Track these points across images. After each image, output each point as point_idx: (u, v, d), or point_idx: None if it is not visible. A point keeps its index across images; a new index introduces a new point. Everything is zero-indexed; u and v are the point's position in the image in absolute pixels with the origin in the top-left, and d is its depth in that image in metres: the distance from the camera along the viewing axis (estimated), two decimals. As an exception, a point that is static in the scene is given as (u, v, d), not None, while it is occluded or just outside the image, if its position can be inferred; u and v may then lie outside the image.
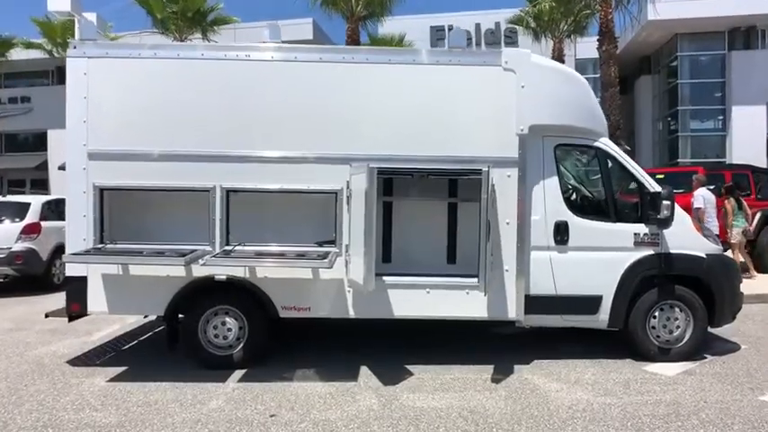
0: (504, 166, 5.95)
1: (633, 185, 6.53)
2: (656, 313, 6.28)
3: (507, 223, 5.99)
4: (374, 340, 6.95)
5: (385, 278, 5.98)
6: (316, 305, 6.00)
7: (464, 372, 5.93)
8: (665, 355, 6.26)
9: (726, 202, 11.32)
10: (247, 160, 5.94)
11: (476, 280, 5.93)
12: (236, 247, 5.92)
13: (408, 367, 6.03)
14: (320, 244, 6.05)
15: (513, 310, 6.03)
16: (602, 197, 6.43)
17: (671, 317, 6.28)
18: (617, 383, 5.61)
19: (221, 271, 5.83)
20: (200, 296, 6.05)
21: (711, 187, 11.26)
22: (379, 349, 6.65)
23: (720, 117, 27.54)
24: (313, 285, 5.97)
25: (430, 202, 6.49)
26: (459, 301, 6.01)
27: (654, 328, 6.28)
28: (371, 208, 5.40)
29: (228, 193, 5.98)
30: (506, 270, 6.00)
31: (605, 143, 6.37)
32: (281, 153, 5.95)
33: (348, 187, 5.92)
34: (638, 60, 32.08)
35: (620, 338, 6.48)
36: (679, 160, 27.05)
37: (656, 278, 6.27)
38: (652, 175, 6.87)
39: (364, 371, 5.94)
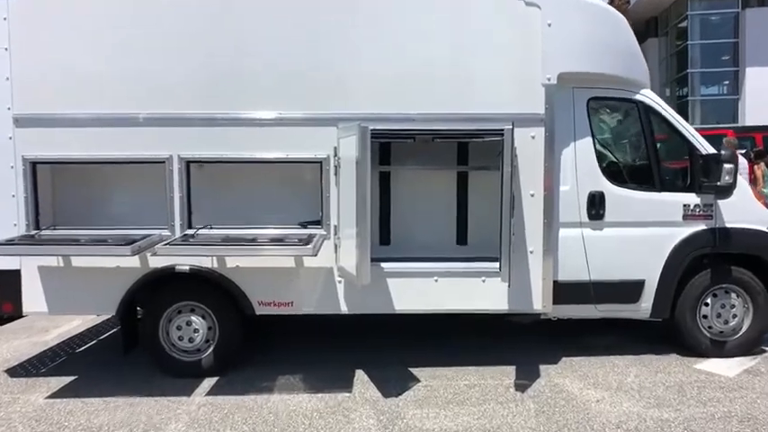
0: (528, 124, 4.83)
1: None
2: (709, 300, 5.25)
3: (532, 195, 4.89)
4: (370, 337, 5.91)
5: (383, 265, 4.91)
6: (299, 299, 4.94)
7: (481, 376, 4.91)
8: (718, 349, 5.25)
9: (756, 167, 10.24)
10: (212, 123, 4.81)
11: (495, 265, 4.87)
12: (201, 232, 4.84)
13: (413, 371, 5.01)
14: (304, 225, 4.97)
15: (540, 299, 4.98)
16: (644, 161, 5.31)
17: (726, 304, 5.25)
18: (669, 389, 4.60)
19: (182, 261, 4.75)
20: (159, 291, 4.99)
21: (743, 151, 10.18)
22: (377, 349, 5.61)
23: (731, 80, 26.26)
24: (296, 276, 4.90)
25: (436, 172, 5.40)
26: (473, 291, 4.95)
27: (705, 317, 5.25)
28: (365, 179, 4.30)
29: (189, 164, 4.87)
30: (531, 252, 4.93)
31: (648, 95, 5.24)
32: (252, 114, 4.81)
33: (336, 154, 4.81)
34: (644, 22, 30.58)
35: (659, 328, 5.45)
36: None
37: (709, 258, 5.22)
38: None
39: (360, 377, 4.92)
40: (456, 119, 4.82)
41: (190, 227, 4.88)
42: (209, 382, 4.87)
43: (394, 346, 5.61)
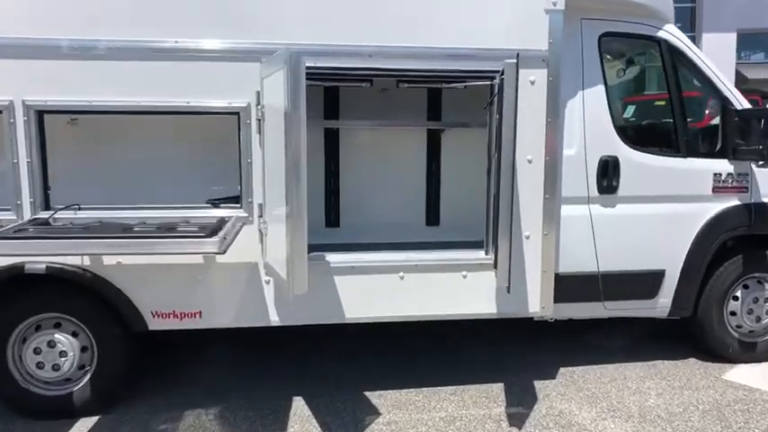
0: (526, 64, 3.50)
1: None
2: (738, 293, 4.21)
3: (529, 161, 3.62)
4: (317, 345, 4.57)
5: (329, 258, 3.57)
6: (211, 308, 3.54)
7: (461, 402, 3.71)
8: (748, 352, 4.25)
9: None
10: (74, 54, 3.25)
11: (480, 254, 3.64)
12: (61, 215, 3.33)
13: (372, 398, 3.75)
14: (215, 204, 3.54)
15: (537, 299, 3.77)
16: (667, 119, 4.14)
17: (759, 297, 4.23)
18: (705, 415, 3.53)
19: (31, 258, 3.24)
20: (2, 301, 3.47)
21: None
22: (326, 363, 4.29)
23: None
24: (206, 276, 3.49)
25: (399, 130, 4.07)
26: (451, 290, 3.69)
27: (734, 314, 4.22)
28: (298, 136, 2.92)
29: (41, 115, 3.32)
30: (526, 237, 3.68)
31: (673, 33, 4.03)
32: (136, 41, 3.28)
33: (259, 102, 3.37)
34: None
35: (660, 322, 4.39)
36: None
37: (738, 241, 4.17)
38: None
39: (299, 411, 3.62)
40: (428, 55, 3.45)
41: (47, 208, 3.35)
42: (85, 425, 3.45)
43: (349, 358, 4.31)
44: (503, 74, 3.15)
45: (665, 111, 4.10)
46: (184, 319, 3.54)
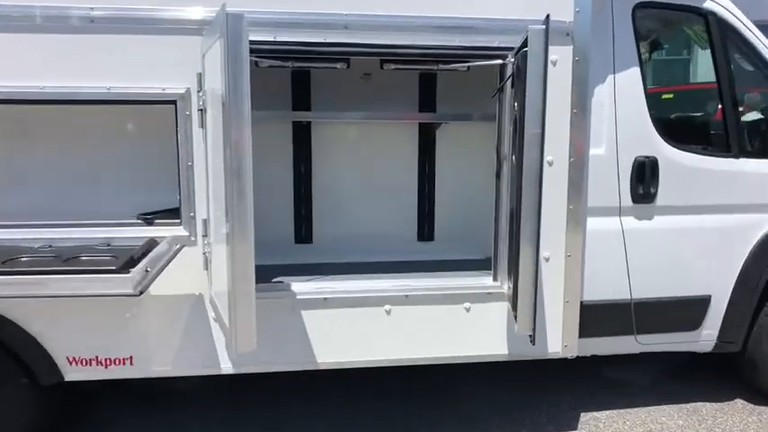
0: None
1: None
2: (796, 321, 3.48)
3: (549, 163, 2.85)
4: (279, 396, 3.77)
5: (296, 287, 2.81)
6: (144, 353, 2.77)
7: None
8: (810, 393, 3.52)
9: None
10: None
11: (487, 279, 2.90)
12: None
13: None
14: (148, 220, 2.75)
15: (557, 336, 3.02)
16: (714, 111, 3.38)
17: (822, 327, 3.49)
18: (772, 484, 2.79)
19: None
20: None
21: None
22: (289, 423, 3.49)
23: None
24: (137, 314, 2.72)
25: (385, 124, 3.31)
26: (450, 327, 2.93)
27: (791, 347, 3.48)
28: (241, 132, 2.14)
29: None
30: (546, 258, 2.92)
31: (723, 4, 3.27)
32: (34, 6, 2.49)
33: (201, 87, 2.58)
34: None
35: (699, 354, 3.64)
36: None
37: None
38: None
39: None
40: (421, 27, 2.68)
41: None
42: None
43: (322, 401, 3.53)
44: (522, 49, 2.39)
45: (713, 101, 3.35)
46: (111, 366, 2.76)
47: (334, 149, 3.42)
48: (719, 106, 3.27)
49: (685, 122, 3.57)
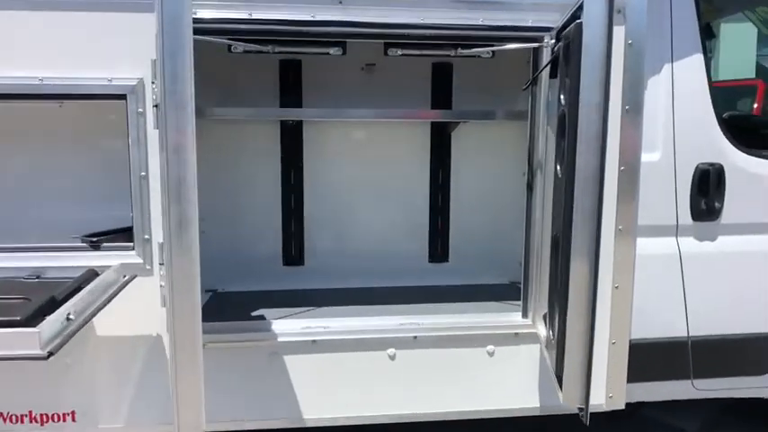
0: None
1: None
2: None
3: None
4: None
5: (277, 326, 2.26)
6: (90, 407, 2.23)
7: None
8: None
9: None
10: None
11: (515, 316, 2.34)
12: None
13: None
14: (93, 243, 2.21)
15: (601, 385, 2.44)
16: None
17: None
18: None
19: None
20: None
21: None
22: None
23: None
24: (79, 362, 2.18)
25: (391, 124, 2.78)
26: (469, 375, 2.37)
27: None
28: (182, 135, 1.59)
29: None
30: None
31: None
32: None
33: (157, 77, 2.04)
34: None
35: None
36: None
37: None
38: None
39: None
40: (437, 3, 2.12)
41: None
42: None
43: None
44: (567, 26, 1.83)
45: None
46: (48, 424, 2.23)
47: (329, 154, 2.87)
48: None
49: (758, 123, 2.98)
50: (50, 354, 1.49)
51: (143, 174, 2.09)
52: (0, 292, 1.86)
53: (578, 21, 1.72)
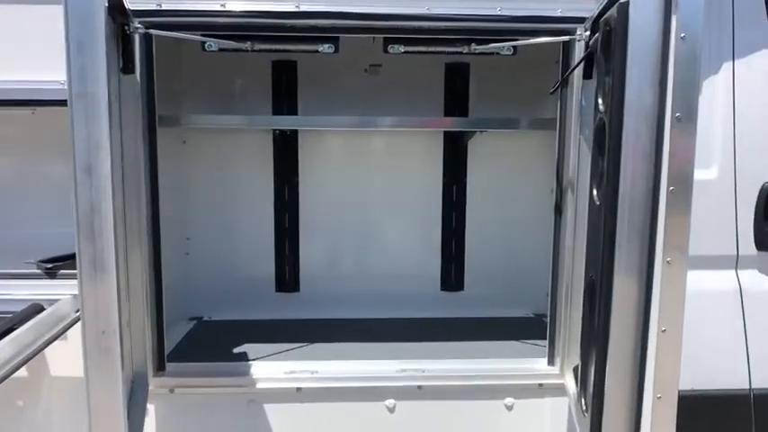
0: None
1: None
2: None
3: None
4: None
5: (258, 369, 1.92)
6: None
7: None
8: None
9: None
10: None
11: (540, 362, 1.97)
12: None
13: None
14: (48, 270, 1.93)
15: (643, 449, 2.04)
16: None
17: None
18: None
19: None
20: None
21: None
22: None
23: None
24: (34, 403, 1.90)
25: (399, 133, 2.45)
26: None
27: None
28: (95, 151, 1.25)
29: None
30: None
31: None
32: None
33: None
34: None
35: None
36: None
37: None
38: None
39: None
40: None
41: None
42: None
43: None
44: (605, 12, 1.46)
45: None
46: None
47: (328, 167, 2.54)
48: None
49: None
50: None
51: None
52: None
53: (623, 1, 1.35)
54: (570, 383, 1.86)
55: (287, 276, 2.57)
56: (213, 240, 2.53)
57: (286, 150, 2.50)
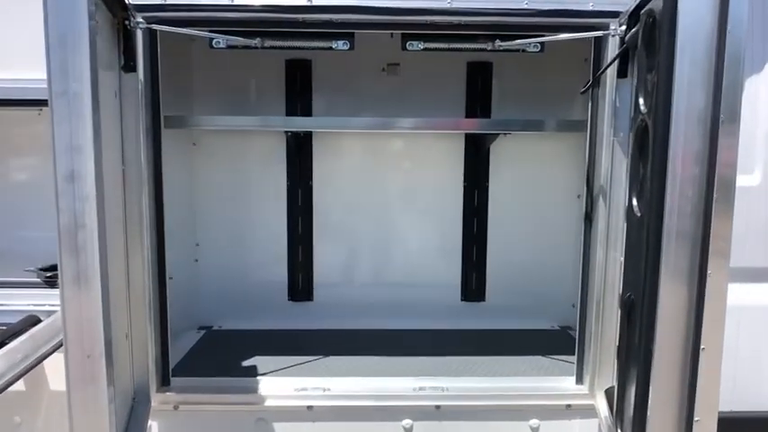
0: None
1: None
2: None
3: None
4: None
5: (267, 385, 1.82)
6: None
7: None
8: None
9: None
10: None
11: (568, 381, 1.82)
12: None
13: None
14: (49, 279, 1.85)
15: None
16: None
17: None
18: None
19: None
20: None
21: None
22: None
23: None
24: (33, 419, 1.81)
25: (417, 136, 2.34)
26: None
27: None
28: (78, 157, 1.15)
29: None
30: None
31: None
32: None
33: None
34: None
35: None
36: None
37: None
38: None
39: None
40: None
41: None
42: None
43: None
44: (646, 3, 1.33)
45: None
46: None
47: (343, 171, 2.43)
48: None
49: None
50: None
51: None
52: None
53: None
54: (602, 405, 1.72)
55: (300, 284, 2.46)
56: (223, 247, 2.44)
57: (300, 153, 2.40)
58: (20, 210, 1.98)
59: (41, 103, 1.79)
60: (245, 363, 2.04)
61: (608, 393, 1.68)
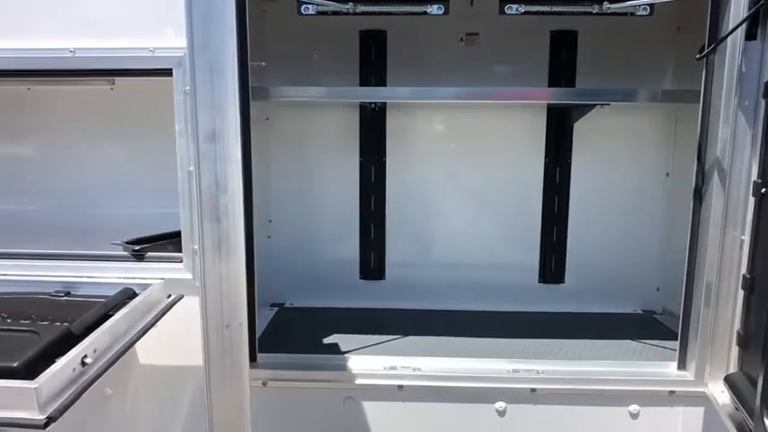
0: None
1: None
2: None
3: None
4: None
5: (354, 363, 1.77)
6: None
7: None
8: None
9: None
10: None
11: (669, 366, 1.75)
12: None
13: None
14: (135, 252, 1.81)
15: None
16: None
17: None
18: None
19: None
20: None
21: None
22: None
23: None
24: (121, 390, 1.80)
25: (494, 108, 2.22)
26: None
27: None
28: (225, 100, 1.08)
29: None
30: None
31: None
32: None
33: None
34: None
35: None
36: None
37: None
38: None
39: None
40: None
41: None
42: None
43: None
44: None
45: None
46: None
47: (418, 146, 2.35)
48: None
49: None
50: (49, 420, 1.06)
51: (191, 169, 1.66)
52: (16, 314, 1.48)
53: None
54: (718, 393, 1.61)
55: (371, 263, 2.40)
56: (296, 223, 2.39)
57: (373, 127, 2.32)
58: (103, 186, 1.96)
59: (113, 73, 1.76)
60: (326, 340, 1.99)
61: (729, 382, 1.58)
